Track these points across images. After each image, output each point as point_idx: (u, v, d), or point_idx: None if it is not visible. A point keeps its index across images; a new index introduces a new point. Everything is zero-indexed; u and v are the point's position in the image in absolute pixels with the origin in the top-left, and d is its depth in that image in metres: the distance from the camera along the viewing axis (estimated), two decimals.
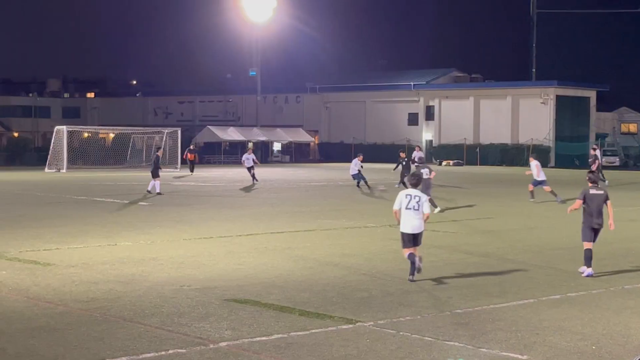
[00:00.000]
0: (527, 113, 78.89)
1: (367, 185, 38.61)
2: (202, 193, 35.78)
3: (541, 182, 31.52)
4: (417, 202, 14.31)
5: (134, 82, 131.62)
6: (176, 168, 60.27)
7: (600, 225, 15.12)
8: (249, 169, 43.93)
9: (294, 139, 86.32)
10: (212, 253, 17.34)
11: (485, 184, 45.96)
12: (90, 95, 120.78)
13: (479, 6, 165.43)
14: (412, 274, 14.20)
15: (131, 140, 67.64)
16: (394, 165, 41.47)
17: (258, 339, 10.20)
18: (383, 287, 13.70)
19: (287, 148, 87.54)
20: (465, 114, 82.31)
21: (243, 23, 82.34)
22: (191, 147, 57.35)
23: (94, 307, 11.84)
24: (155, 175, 34.27)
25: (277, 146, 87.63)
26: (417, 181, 14.99)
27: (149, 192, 34.13)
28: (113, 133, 76.34)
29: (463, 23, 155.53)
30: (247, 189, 38.53)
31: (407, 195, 14.44)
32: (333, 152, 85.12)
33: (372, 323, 11.06)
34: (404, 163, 39.91)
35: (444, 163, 76.24)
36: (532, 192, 31.95)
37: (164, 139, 64.70)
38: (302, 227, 22.44)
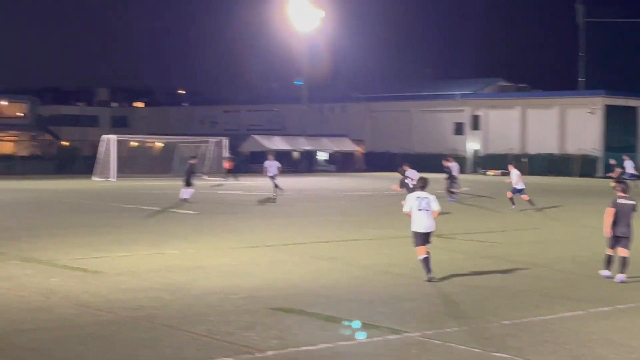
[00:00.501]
0: (574, 123, 78.06)
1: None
2: (248, 202, 35.92)
3: (520, 191, 32.72)
4: (427, 203, 15.40)
5: (181, 91, 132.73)
6: (222, 177, 60.53)
7: (625, 235, 15.32)
8: (272, 177, 39.75)
9: (339, 148, 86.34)
10: (257, 262, 17.41)
11: (532, 195, 45.51)
12: (138, 104, 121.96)
13: (525, 15, 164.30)
14: (429, 272, 15.14)
15: (178, 149, 68.12)
16: (441, 175, 41.03)
17: (304, 348, 10.22)
18: (429, 297, 13.65)
19: (332, 157, 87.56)
20: (511, 124, 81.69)
21: (290, 32, 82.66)
22: (227, 155, 57.67)
23: (142, 315, 11.95)
24: (188, 184, 34.31)
25: (322, 155, 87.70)
26: (424, 184, 16.02)
27: (184, 200, 34.10)
28: (160, 142, 76.96)
29: (510, 32, 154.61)
30: (286, 199, 38.59)
31: (417, 197, 15.55)
32: (378, 162, 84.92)
33: (418, 333, 11.02)
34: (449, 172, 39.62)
35: (489, 173, 75.71)
36: (511, 199, 32.88)
37: (209, 148, 65.12)
38: (347, 236, 22.44)
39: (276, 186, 38.86)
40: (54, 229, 23.51)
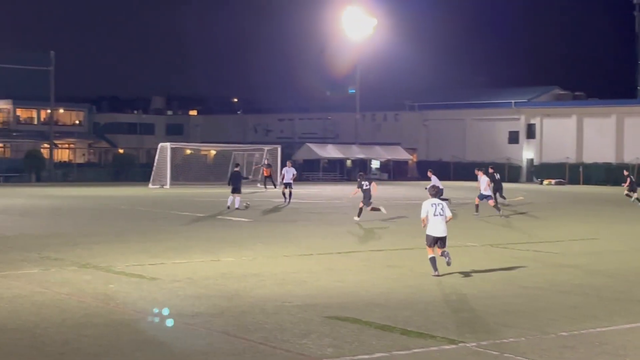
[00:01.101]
0: (632, 131, 77.00)
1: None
2: (302, 210, 36.02)
3: (487, 197, 33.50)
4: (442, 209, 16.63)
5: (235, 100, 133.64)
6: (275, 185, 60.79)
7: None
8: (287, 185, 39.31)
9: (392, 156, 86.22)
10: (312, 270, 17.45)
11: (589, 204, 45.01)
12: (193, 112, 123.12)
13: (582, 23, 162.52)
14: (436, 269, 16.67)
15: (232, 157, 68.61)
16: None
17: (360, 357, 10.21)
18: (485, 307, 13.55)
19: (385, 166, 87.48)
20: (567, 133, 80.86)
21: (343, 41, 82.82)
22: (265, 162, 58.03)
23: (199, 322, 12.05)
24: (236, 191, 34.47)
25: (375, 164, 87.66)
26: (436, 192, 17.41)
27: (228, 207, 34.25)
28: (214, 150, 77.60)
29: (565, 40, 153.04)
30: (340, 207, 38.59)
31: (432, 204, 16.69)
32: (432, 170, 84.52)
33: (474, 344, 10.95)
34: (497, 177, 40.24)
35: (545, 182, 74.98)
36: (477, 205, 33.71)
37: (264, 156, 65.45)
38: (402, 245, 22.39)
39: (290, 194, 39.02)
40: (111, 236, 23.82)
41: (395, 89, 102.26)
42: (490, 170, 40.78)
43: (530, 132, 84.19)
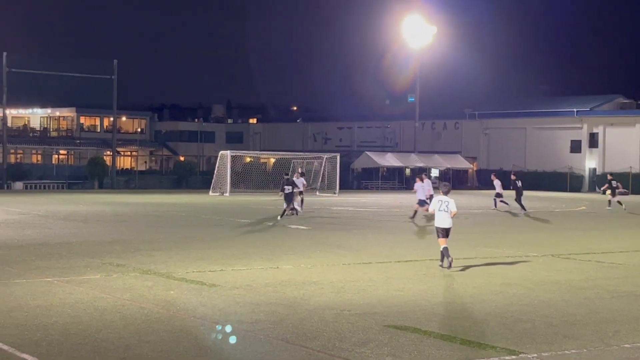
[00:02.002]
0: None
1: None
2: (360, 218, 36.00)
3: (423, 202, 34.44)
4: (447, 206, 19.11)
5: (295, 108, 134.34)
6: (334, 193, 60.92)
7: None
8: (300, 192, 38.76)
9: (452, 165, 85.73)
10: (371, 278, 17.42)
11: None
12: (253, 121, 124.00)
13: None
14: (442, 261, 18.94)
15: (291, 165, 68.90)
16: (559, 194, 40.51)
17: None
18: (546, 318, 13.38)
19: (444, 174, 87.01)
20: (631, 142, 79.57)
21: (402, 49, 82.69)
22: (299, 170, 58.09)
23: (258, 329, 12.11)
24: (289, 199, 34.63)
25: (434, 172, 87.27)
26: (447, 190, 19.72)
27: (294, 211, 35.10)
28: (274, 158, 78.01)
29: (629, 48, 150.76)
30: (408, 217, 38.46)
31: (439, 200, 19.27)
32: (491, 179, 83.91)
33: (535, 355, 10.82)
34: (519, 184, 41.94)
35: (607, 192, 73.81)
36: (416, 211, 34.68)
37: (323, 165, 65.63)
38: (461, 254, 22.21)
39: (301, 203, 38.41)
40: (172, 243, 24.06)
41: (455, 97, 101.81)
42: (513, 177, 43.46)
43: (593, 141, 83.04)
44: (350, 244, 24.64)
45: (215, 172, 61.79)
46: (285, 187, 33.83)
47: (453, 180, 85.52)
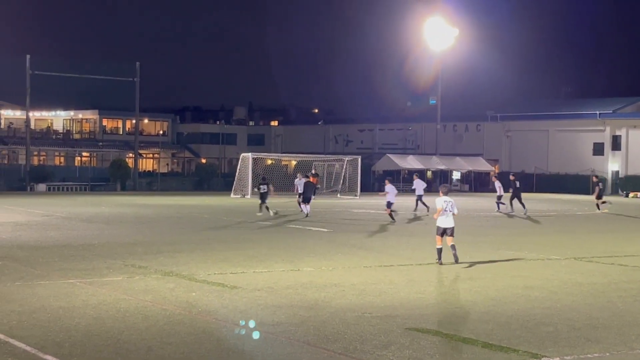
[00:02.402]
0: None
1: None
2: (381, 220, 35.96)
3: (390, 204, 35.28)
4: (451, 206, 20.08)
5: (316, 110, 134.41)
6: (355, 195, 60.90)
7: None
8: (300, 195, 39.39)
9: (474, 167, 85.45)
10: (393, 281, 17.40)
11: None
12: (274, 123, 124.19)
13: None
14: (440, 259, 20.10)
15: (312, 167, 68.92)
16: (584, 197, 40.55)
17: None
18: (569, 321, 13.31)
19: (466, 177, 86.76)
20: None
21: (424, 51, 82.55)
22: (313, 171, 58.40)
23: (280, 331, 12.12)
24: (304, 200, 37.15)
25: (456, 175, 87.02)
26: (447, 191, 20.74)
27: (307, 215, 36.32)
28: (295, 160, 78.06)
29: None
30: (416, 217, 38.39)
31: (444, 201, 20.11)
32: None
33: (558, 358, 10.78)
34: (517, 185, 43.92)
35: (630, 195, 73.35)
36: (391, 214, 35.33)
37: (344, 167, 65.61)
38: (482, 257, 22.15)
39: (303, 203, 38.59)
40: (194, 244, 24.14)
41: (477, 100, 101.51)
42: (512, 178, 44.98)
43: (616, 144, 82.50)
44: (372, 246, 24.62)
45: (236, 174, 61.90)
46: (261, 186, 37.30)
47: (475, 183, 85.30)
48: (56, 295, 14.73)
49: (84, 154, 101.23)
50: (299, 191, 40.02)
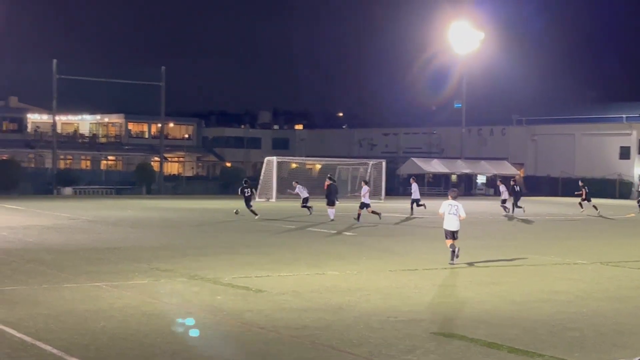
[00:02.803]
0: None
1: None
2: (407, 224, 35.91)
3: (366, 205, 36.61)
4: (456, 210, 20.80)
5: (340, 114, 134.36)
6: (380, 199, 60.79)
7: None
8: (305, 200, 41.94)
9: (499, 171, 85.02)
10: (417, 285, 17.35)
11: None
12: (299, 127, 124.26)
13: None
14: (452, 259, 20.69)
15: (337, 171, 68.89)
16: (609, 201, 40.55)
17: None
18: (595, 326, 13.22)
19: (491, 181, 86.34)
20: None
21: (449, 55, 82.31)
22: (329, 175, 58.44)
23: (305, 335, 12.12)
24: (331, 204, 37.40)
25: (481, 179, 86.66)
26: (455, 195, 21.52)
27: (332, 220, 36.32)
28: (319, 164, 78.08)
29: None
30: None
31: (449, 204, 20.90)
32: (539, 186, 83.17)
33: None
34: (517, 189, 45.76)
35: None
36: (359, 215, 36.34)
37: (368, 171, 65.54)
38: (508, 261, 22.06)
39: (307, 205, 41.23)
40: (219, 248, 24.20)
41: (502, 103, 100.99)
42: (512, 183, 47.34)
43: None
44: (396, 250, 24.57)
45: (261, 178, 62.00)
46: (244, 190, 38.94)
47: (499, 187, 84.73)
48: (82, 298, 14.82)
49: (110, 157, 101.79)
50: (302, 196, 41.92)
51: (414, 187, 44.10)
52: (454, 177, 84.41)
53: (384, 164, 66.12)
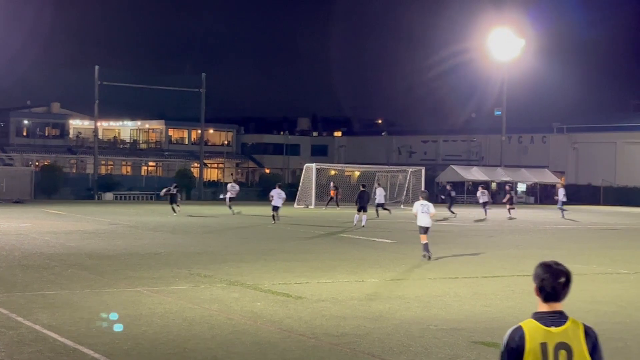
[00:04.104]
0: None
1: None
2: (446, 232, 35.71)
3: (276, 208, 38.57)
4: (427, 208, 23.76)
5: (379, 121, 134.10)
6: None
7: None
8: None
9: (539, 179, 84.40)
10: (458, 293, 17.25)
11: None
12: (337, 134, 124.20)
13: None
14: (425, 252, 23.56)
15: (376, 178, 68.76)
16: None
17: None
18: (639, 337, 13.05)
19: (531, 189, 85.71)
20: None
21: (489, 62, 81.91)
22: (332, 184, 58.92)
23: (344, 342, 12.10)
24: (362, 210, 37.50)
25: (521, 187, 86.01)
26: (425, 196, 24.91)
27: (355, 224, 37.20)
28: (358, 171, 78.00)
29: None
30: (490, 228, 37.98)
31: (421, 204, 24.00)
32: (580, 194, 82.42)
33: None
34: (452, 195, 50.06)
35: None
36: (274, 216, 38.49)
37: (407, 178, 65.36)
38: None
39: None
40: (258, 254, 24.25)
41: (543, 111, 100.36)
42: (448, 187, 51.73)
43: None
44: (436, 258, 24.42)
45: (300, 184, 62.08)
46: (172, 188, 44.12)
47: (540, 195, 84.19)
48: (123, 303, 14.92)
49: (150, 163, 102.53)
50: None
51: (379, 191, 47.31)
52: (494, 185, 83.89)
53: (423, 171, 65.90)
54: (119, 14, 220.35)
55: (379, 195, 47.01)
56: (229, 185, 49.23)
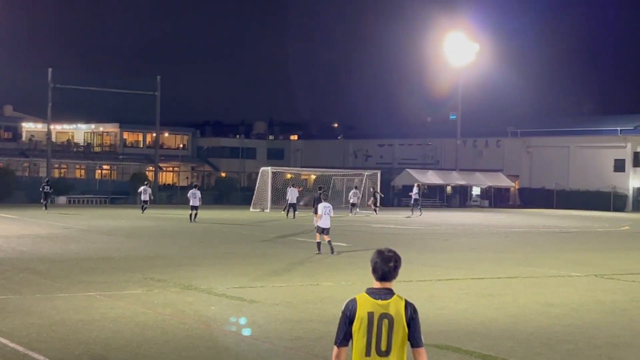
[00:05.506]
0: None
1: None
2: (402, 235, 35.86)
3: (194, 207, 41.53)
4: (329, 210, 25.42)
5: (336, 125, 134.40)
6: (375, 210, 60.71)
7: None
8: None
9: (494, 183, 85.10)
10: (412, 297, 17.17)
11: None
12: (294, 137, 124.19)
13: None
14: (319, 251, 25.50)
15: (332, 182, 68.88)
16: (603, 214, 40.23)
17: None
18: (590, 339, 13.20)
19: (486, 192, 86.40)
20: None
21: (444, 67, 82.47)
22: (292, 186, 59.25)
23: (298, 346, 12.07)
24: (316, 212, 38.14)
25: (476, 190, 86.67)
26: (325, 197, 27.18)
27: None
28: (314, 174, 78.05)
29: None
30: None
31: (324, 206, 25.49)
32: (534, 198, 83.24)
33: None
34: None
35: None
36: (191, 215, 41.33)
37: (363, 181, 65.51)
38: (503, 273, 22.04)
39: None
40: (213, 258, 24.14)
41: (497, 115, 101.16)
42: (371, 189, 56.13)
43: (637, 160, 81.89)
44: None
45: (256, 188, 61.95)
46: (45, 186, 48.89)
47: (495, 199, 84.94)
48: (75, 308, 14.75)
49: (105, 167, 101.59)
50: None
51: (294, 192, 50.28)
52: (448, 189, 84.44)
53: (379, 174, 66.12)
54: (73, 15, 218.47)
55: (293, 196, 50.05)
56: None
